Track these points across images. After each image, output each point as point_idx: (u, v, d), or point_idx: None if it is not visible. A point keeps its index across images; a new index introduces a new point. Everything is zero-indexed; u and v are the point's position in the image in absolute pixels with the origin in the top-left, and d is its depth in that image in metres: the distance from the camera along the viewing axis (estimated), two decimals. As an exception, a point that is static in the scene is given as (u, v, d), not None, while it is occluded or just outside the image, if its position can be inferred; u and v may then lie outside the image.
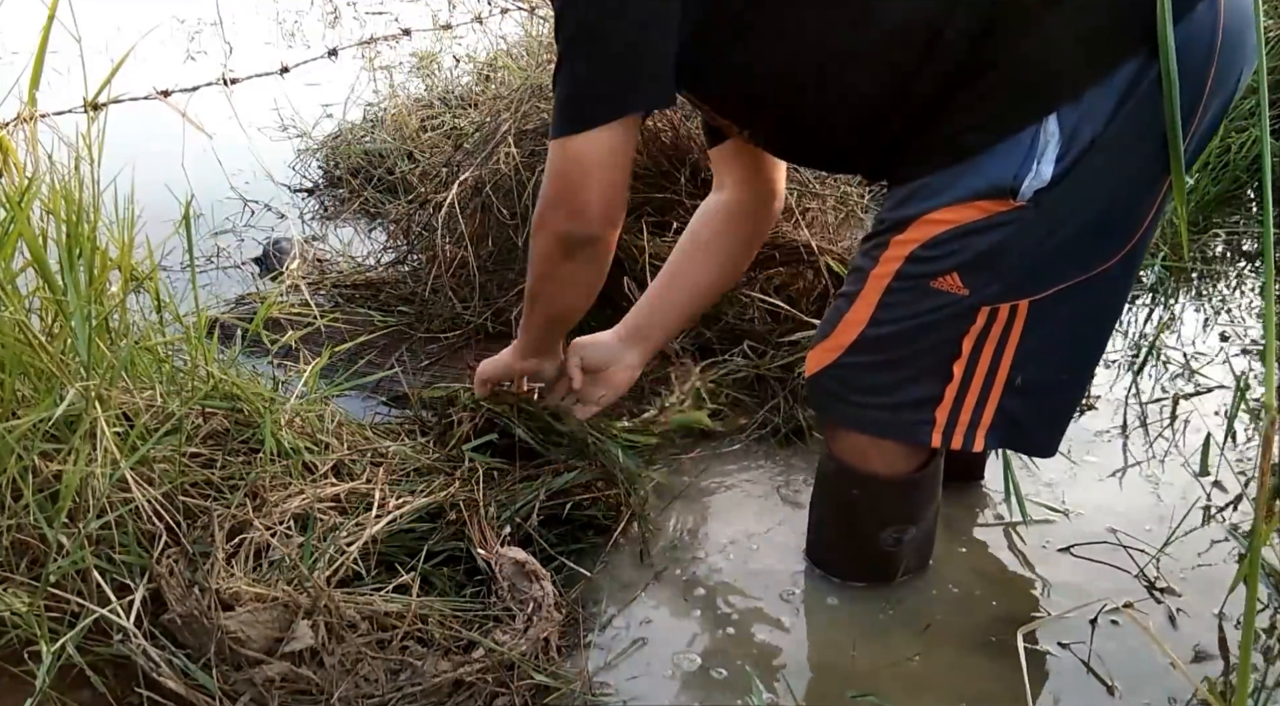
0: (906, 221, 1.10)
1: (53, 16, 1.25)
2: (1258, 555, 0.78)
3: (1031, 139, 1.03)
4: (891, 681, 1.15)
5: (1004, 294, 1.09)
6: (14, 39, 3.79)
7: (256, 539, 1.14)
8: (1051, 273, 1.08)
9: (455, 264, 1.92)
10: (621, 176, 1.17)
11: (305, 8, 5.48)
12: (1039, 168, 1.03)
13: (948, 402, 1.14)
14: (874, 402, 1.17)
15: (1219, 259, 2.43)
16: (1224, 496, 1.48)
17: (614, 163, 1.14)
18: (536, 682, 1.08)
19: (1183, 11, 0.99)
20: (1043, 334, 1.11)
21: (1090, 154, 1.03)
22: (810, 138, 1.22)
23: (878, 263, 1.13)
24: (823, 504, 1.31)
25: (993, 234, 1.06)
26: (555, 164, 1.16)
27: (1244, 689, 0.81)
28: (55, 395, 1.14)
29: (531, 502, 1.31)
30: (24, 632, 1.06)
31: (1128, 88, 1.01)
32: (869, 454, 1.20)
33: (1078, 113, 1.02)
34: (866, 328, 1.14)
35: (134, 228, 1.30)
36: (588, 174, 1.14)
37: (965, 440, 1.16)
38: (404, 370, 1.74)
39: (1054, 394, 1.18)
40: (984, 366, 1.12)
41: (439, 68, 3.25)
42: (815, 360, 1.20)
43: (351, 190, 2.65)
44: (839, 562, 1.32)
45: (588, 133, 1.12)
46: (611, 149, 1.13)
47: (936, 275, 1.09)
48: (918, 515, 1.26)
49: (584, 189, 1.14)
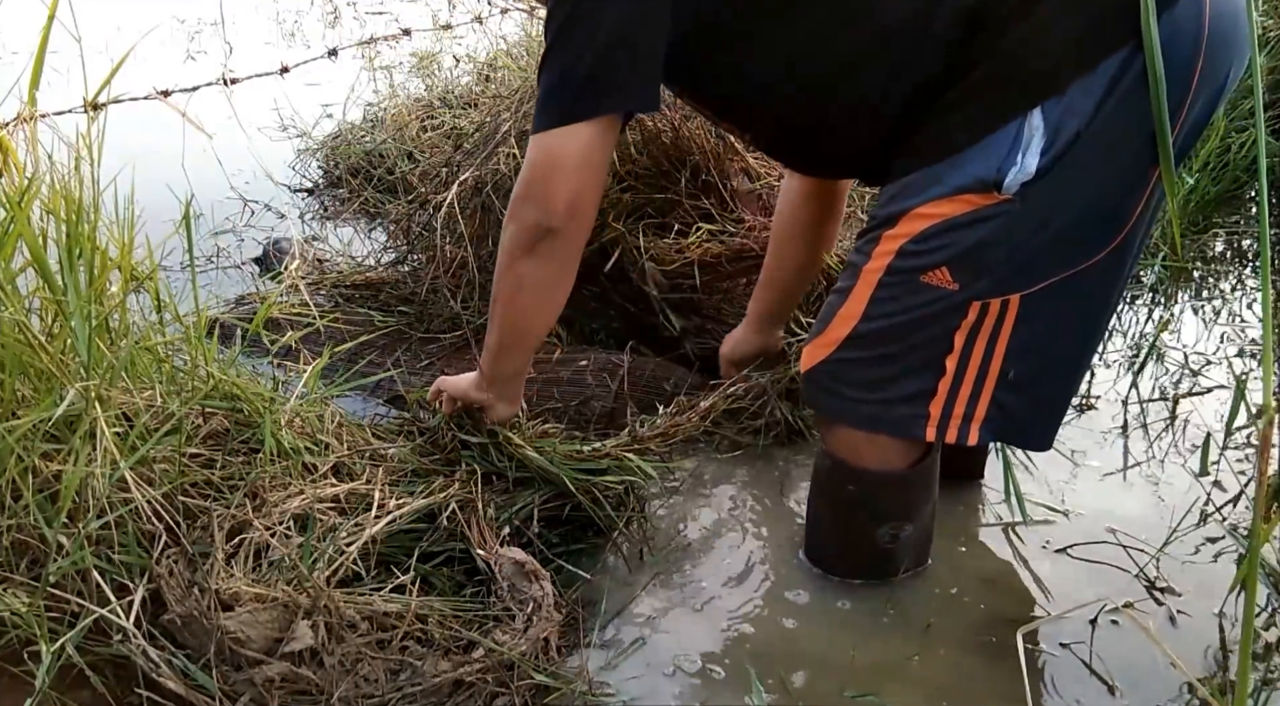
0: (896, 216, 1.11)
1: (53, 16, 1.25)
2: (1257, 555, 0.78)
3: (1016, 132, 1.04)
4: (891, 681, 1.15)
5: (994, 288, 1.09)
6: (14, 39, 3.79)
7: (256, 539, 1.14)
8: (1041, 266, 1.09)
9: (455, 264, 1.92)
10: (594, 176, 1.17)
11: (305, 8, 5.48)
12: (1024, 161, 1.04)
13: (941, 396, 1.15)
14: (868, 397, 1.17)
15: (1219, 259, 2.43)
16: (1224, 496, 1.48)
17: (587, 161, 1.14)
18: (536, 682, 1.08)
19: (1165, 6, 0.99)
20: (1034, 327, 1.12)
21: (1076, 147, 1.03)
22: (808, 140, 1.23)
23: (869, 258, 1.14)
24: (819, 501, 1.32)
25: (980, 228, 1.07)
26: (530, 157, 1.17)
27: (1244, 689, 0.81)
28: (55, 395, 1.14)
29: (531, 504, 1.31)
30: (24, 632, 1.06)
31: (1112, 81, 1.02)
32: (863, 449, 1.21)
33: (1062, 106, 1.02)
34: (859, 323, 1.15)
35: (134, 228, 1.29)
36: (559, 168, 1.14)
37: (960, 434, 1.17)
38: (403, 371, 1.74)
39: (1048, 387, 1.19)
40: (976, 360, 1.13)
41: (439, 68, 3.25)
42: (810, 356, 1.21)
43: (351, 190, 2.65)
44: (837, 560, 1.32)
45: (565, 128, 1.12)
46: (588, 145, 1.13)
47: (926, 269, 1.10)
48: (914, 512, 1.26)
49: (553, 182, 1.15)
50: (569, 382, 1.65)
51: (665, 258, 1.77)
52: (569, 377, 1.66)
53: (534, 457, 1.34)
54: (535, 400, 1.59)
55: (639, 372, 1.67)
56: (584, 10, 1.09)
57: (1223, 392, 1.78)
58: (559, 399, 1.64)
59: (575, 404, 1.63)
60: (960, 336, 1.12)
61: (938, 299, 1.10)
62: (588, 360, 1.69)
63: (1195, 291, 2.25)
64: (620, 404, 1.62)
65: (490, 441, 1.36)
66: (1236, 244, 2.50)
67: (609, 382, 1.64)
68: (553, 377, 1.66)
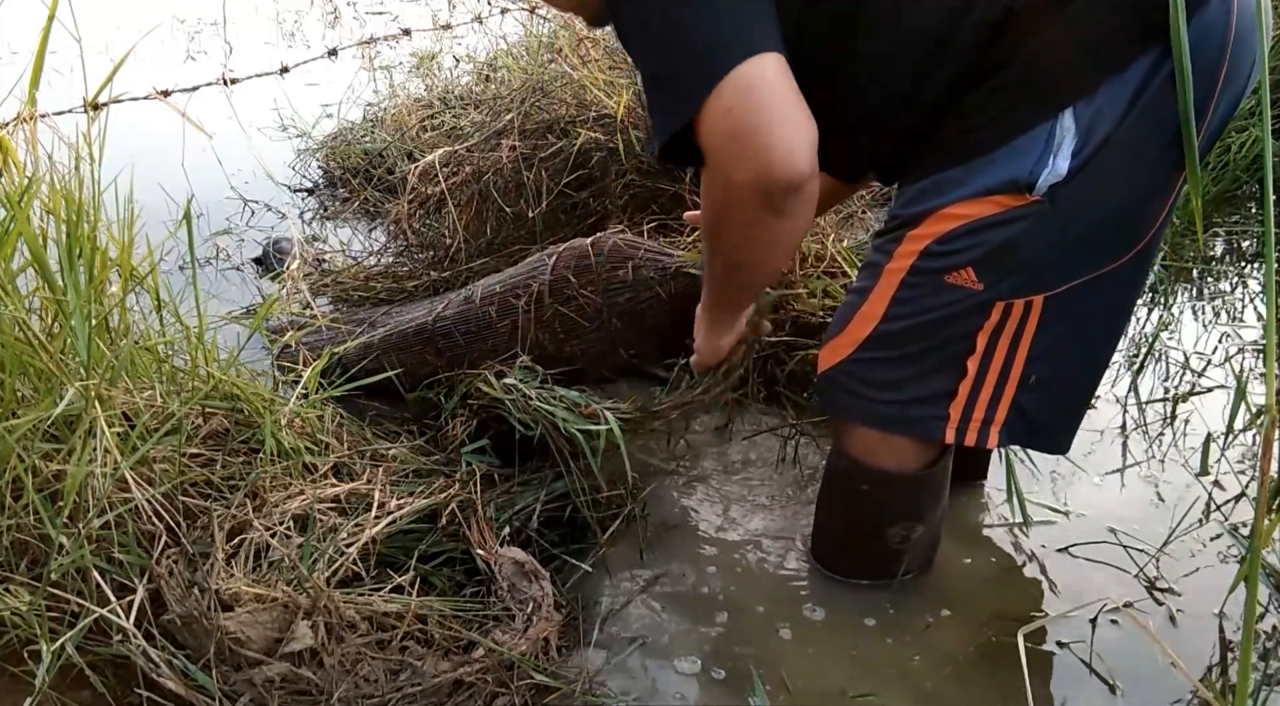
0: (921, 216, 1.10)
1: (53, 16, 1.25)
2: (1258, 555, 0.78)
3: (1048, 134, 1.02)
4: (891, 681, 1.15)
5: (1019, 289, 1.08)
6: (14, 39, 3.79)
7: (256, 539, 1.14)
8: (1066, 268, 1.08)
9: (453, 253, 1.92)
10: (798, 96, 0.99)
11: (305, 8, 5.48)
12: (1055, 162, 1.02)
13: (961, 398, 1.14)
14: (887, 398, 1.16)
15: (1219, 259, 2.43)
16: (1224, 496, 1.48)
17: (785, 78, 0.98)
18: (536, 682, 1.08)
19: (1196, 8, 0.98)
20: (1057, 330, 1.11)
21: (1105, 150, 1.02)
22: (828, 138, 1.20)
23: (891, 257, 1.12)
24: (831, 500, 1.31)
25: (1008, 229, 1.06)
26: (717, 110, 0.97)
27: (1244, 689, 0.81)
28: (55, 395, 1.14)
29: (531, 505, 1.31)
30: (24, 632, 1.06)
31: (1142, 83, 1.00)
32: (879, 449, 1.20)
33: (1093, 108, 1.01)
34: (880, 323, 1.14)
35: (134, 227, 1.29)
36: (764, 98, 0.96)
37: (979, 437, 1.16)
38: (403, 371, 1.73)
39: (1067, 390, 1.18)
40: (999, 362, 1.12)
41: (439, 68, 3.25)
42: (828, 356, 1.20)
43: (351, 190, 2.65)
44: (844, 560, 1.32)
45: (744, 63, 0.96)
46: (776, 66, 0.97)
47: (951, 270, 1.09)
48: (926, 513, 1.26)
49: (766, 116, 0.96)
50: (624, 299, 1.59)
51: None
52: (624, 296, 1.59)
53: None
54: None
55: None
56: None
57: (1223, 392, 1.78)
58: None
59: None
60: (983, 338, 1.11)
61: (962, 299, 1.09)
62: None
63: (1195, 291, 2.25)
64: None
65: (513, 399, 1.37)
66: (1236, 244, 2.50)
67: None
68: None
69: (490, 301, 1.61)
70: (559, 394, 1.39)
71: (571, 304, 1.57)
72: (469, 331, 1.62)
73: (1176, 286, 2.25)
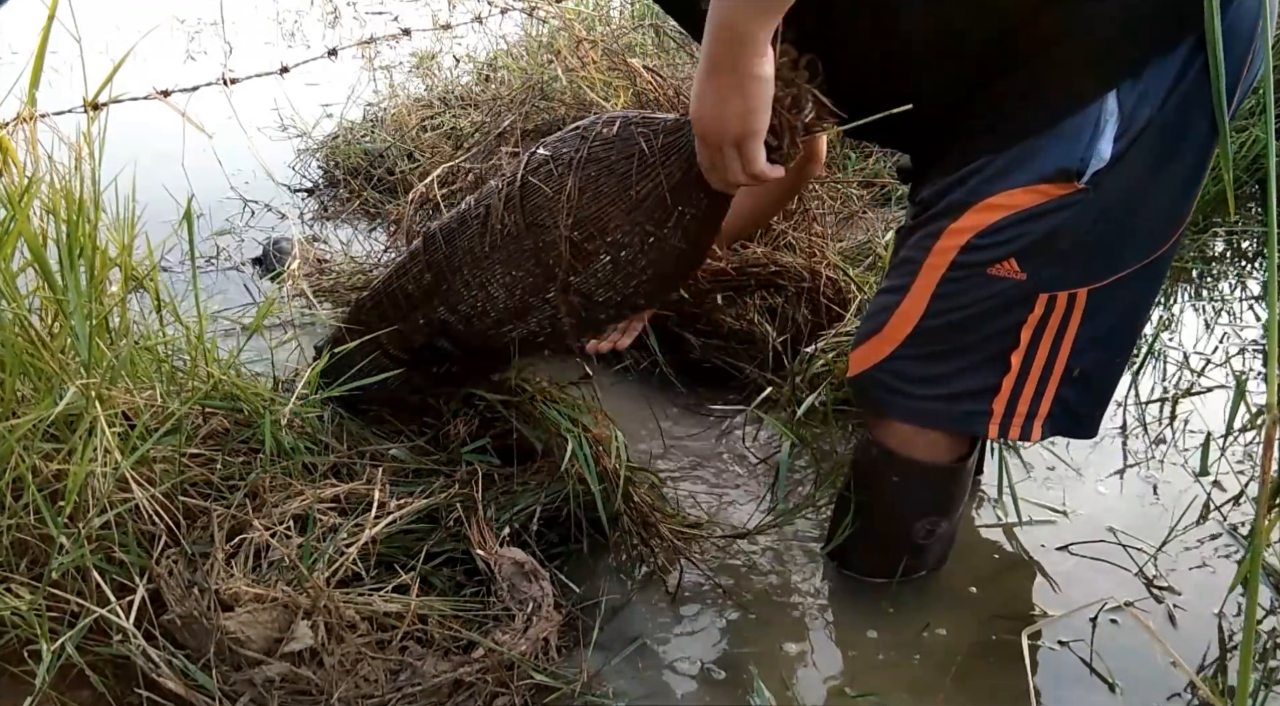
0: (962, 207, 1.06)
1: (53, 16, 1.25)
2: (1258, 555, 0.78)
3: (1096, 118, 0.99)
4: (891, 681, 1.15)
5: (1063, 279, 1.06)
6: (14, 39, 3.79)
7: (256, 539, 1.14)
8: (1112, 258, 1.06)
9: None
10: None
11: (305, 8, 5.47)
12: (1099, 147, 1.00)
13: (1005, 393, 1.12)
14: (930, 394, 1.14)
15: (1219, 259, 2.43)
16: (1223, 496, 1.48)
17: None
18: (536, 682, 1.08)
19: None
20: (1099, 322, 1.09)
21: (1147, 133, 1.00)
22: (876, 81, 1.12)
23: (929, 253, 1.09)
24: (858, 494, 1.28)
25: (1052, 218, 1.03)
26: None
27: (1244, 689, 0.81)
28: (55, 394, 1.14)
29: (531, 506, 1.31)
30: (24, 632, 1.06)
31: (1183, 67, 0.99)
32: (915, 441, 1.18)
33: (1137, 91, 0.99)
34: (922, 319, 1.12)
35: (134, 227, 1.29)
36: None
37: (1023, 430, 1.14)
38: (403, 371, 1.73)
39: (1104, 379, 1.16)
40: (1042, 356, 1.10)
41: (439, 68, 3.25)
42: (866, 355, 1.17)
43: (351, 190, 2.65)
44: (866, 558, 1.30)
45: None
46: None
47: (994, 262, 1.06)
48: (951, 507, 1.25)
49: None
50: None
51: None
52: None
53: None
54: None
55: None
56: None
57: (1223, 392, 1.78)
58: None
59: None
60: (1027, 331, 1.08)
61: (1005, 290, 1.07)
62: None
63: (1195, 291, 2.25)
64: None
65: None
66: (1236, 244, 2.50)
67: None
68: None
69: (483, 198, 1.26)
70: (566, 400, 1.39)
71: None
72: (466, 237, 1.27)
73: (1176, 286, 2.25)
